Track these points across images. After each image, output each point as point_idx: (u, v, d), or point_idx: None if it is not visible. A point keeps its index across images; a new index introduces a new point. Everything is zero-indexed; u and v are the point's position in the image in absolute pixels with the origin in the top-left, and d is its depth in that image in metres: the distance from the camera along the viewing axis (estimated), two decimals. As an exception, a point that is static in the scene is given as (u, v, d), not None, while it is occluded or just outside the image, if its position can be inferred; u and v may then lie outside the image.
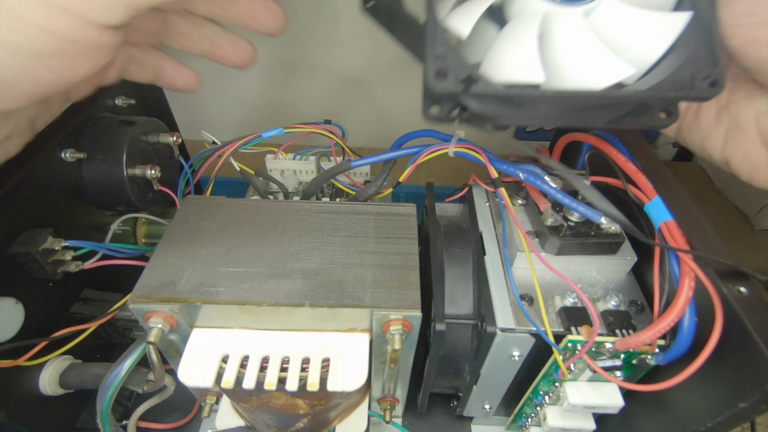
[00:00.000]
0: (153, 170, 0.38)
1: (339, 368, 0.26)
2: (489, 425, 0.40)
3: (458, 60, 0.21)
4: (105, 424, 0.30)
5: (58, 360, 0.35)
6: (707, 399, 0.24)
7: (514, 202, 0.34)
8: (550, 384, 0.32)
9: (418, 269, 0.29)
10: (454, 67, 0.21)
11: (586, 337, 0.27)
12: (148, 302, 0.26)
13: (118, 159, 0.36)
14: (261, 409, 0.30)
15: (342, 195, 0.43)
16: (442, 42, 0.22)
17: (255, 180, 0.42)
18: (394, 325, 0.26)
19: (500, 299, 0.30)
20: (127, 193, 0.37)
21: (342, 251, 0.30)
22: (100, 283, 0.39)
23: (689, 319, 0.24)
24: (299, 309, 0.26)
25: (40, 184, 0.33)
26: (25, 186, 0.31)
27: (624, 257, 0.31)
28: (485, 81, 0.21)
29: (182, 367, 0.26)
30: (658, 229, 0.26)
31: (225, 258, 0.29)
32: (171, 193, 0.42)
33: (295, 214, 0.32)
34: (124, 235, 0.42)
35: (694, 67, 0.21)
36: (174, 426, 0.40)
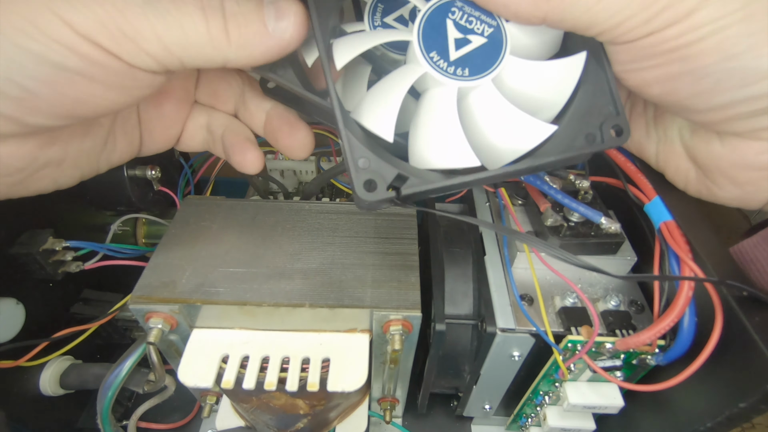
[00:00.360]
0: (153, 170, 0.38)
1: (339, 368, 0.27)
2: (489, 425, 0.40)
3: (382, 165, 0.22)
4: (105, 425, 0.30)
5: (58, 360, 0.35)
6: (707, 399, 0.24)
7: (514, 202, 0.34)
8: (550, 384, 0.32)
9: (418, 269, 0.29)
10: (379, 176, 0.21)
11: (586, 338, 0.27)
12: (148, 302, 0.26)
13: (119, 159, 0.36)
14: (261, 409, 0.30)
15: (342, 195, 0.43)
16: (360, 151, 0.22)
17: (255, 180, 0.42)
18: (394, 325, 0.26)
19: (500, 299, 0.30)
20: (127, 194, 0.37)
21: (342, 251, 0.30)
22: (100, 284, 0.39)
23: (689, 319, 0.24)
24: (299, 309, 0.26)
25: (41, 184, 0.33)
26: (26, 186, 0.31)
27: (624, 257, 0.31)
28: (414, 178, 0.22)
29: (182, 367, 0.26)
30: (658, 229, 0.26)
31: (225, 258, 0.29)
32: (171, 194, 0.42)
33: (295, 214, 0.32)
34: (124, 235, 0.42)
35: (600, 118, 0.23)
36: (174, 426, 0.40)
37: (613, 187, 0.30)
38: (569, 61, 0.23)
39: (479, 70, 0.23)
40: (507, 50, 0.23)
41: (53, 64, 0.19)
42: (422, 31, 0.23)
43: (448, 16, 0.23)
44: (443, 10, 0.23)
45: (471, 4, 0.23)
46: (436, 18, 0.23)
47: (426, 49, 0.22)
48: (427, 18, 0.23)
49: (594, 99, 0.23)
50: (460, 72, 0.23)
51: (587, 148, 0.23)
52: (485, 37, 0.23)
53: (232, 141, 0.27)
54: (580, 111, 0.23)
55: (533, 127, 0.22)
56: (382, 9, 0.26)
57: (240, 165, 0.28)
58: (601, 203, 0.31)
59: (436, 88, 0.23)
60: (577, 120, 0.23)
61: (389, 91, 0.23)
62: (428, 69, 0.22)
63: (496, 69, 0.23)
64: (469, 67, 0.23)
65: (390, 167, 0.22)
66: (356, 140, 0.22)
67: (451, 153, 0.22)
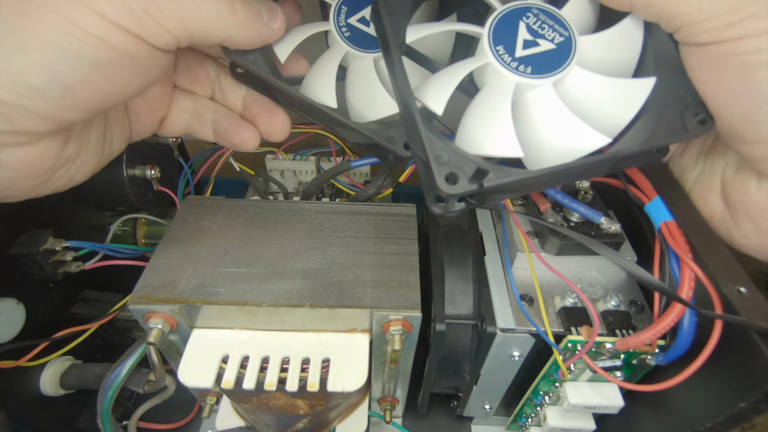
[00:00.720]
0: (153, 170, 0.38)
1: (339, 369, 0.27)
2: (489, 425, 0.40)
3: (460, 158, 0.22)
4: (105, 425, 0.30)
5: (58, 360, 0.35)
6: (707, 399, 0.24)
7: (514, 202, 0.34)
8: (550, 384, 0.32)
9: (418, 270, 0.29)
10: (460, 168, 0.22)
11: (586, 338, 0.27)
12: (148, 303, 0.26)
13: (118, 159, 0.36)
14: (261, 409, 0.30)
15: (342, 195, 0.43)
16: (439, 146, 0.22)
17: (255, 180, 0.42)
18: (394, 325, 0.26)
19: (500, 299, 0.30)
20: (126, 194, 0.37)
21: (342, 252, 0.30)
22: (100, 284, 0.39)
23: (689, 319, 0.24)
24: (299, 309, 0.26)
25: (41, 184, 0.33)
26: (26, 187, 0.31)
27: (624, 257, 0.31)
28: (495, 171, 0.22)
29: (182, 367, 0.26)
30: (658, 230, 0.26)
31: (225, 258, 0.29)
32: (171, 194, 0.42)
33: (295, 214, 0.32)
34: (124, 235, 0.42)
35: (681, 108, 0.23)
36: (174, 426, 0.40)
37: (613, 187, 0.30)
38: (637, 83, 0.23)
39: (542, 71, 0.23)
40: (574, 59, 0.23)
41: (90, 60, 0.20)
42: (494, 27, 0.24)
43: (522, 18, 0.24)
44: (519, 13, 0.24)
45: (548, 13, 0.24)
46: (510, 18, 0.24)
47: (494, 42, 0.23)
48: (502, 17, 0.24)
49: (672, 88, 0.23)
50: (522, 69, 0.23)
51: (670, 137, 0.23)
52: (554, 44, 0.23)
53: (228, 123, 0.29)
54: (658, 101, 0.23)
55: (586, 135, 0.22)
56: (346, 11, 0.28)
57: (242, 144, 0.29)
58: (601, 203, 0.31)
59: (496, 79, 0.24)
60: (655, 110, 0.23)
61: (449, 72, 0.23)
62: (492, 59, 0.23)
63: (558, 74, 0.23)
64: (532, 66, 0.23)
65: (469, 161, 0.22)
66: (434, 136, 0.22)
67: (495, 140, 0.22)
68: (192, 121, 0.29)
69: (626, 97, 0.23)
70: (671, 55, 0.23)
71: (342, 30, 0.28)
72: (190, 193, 0.44)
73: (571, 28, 0.24)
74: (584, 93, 0.24)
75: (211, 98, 0.30)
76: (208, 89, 0.30)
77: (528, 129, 0.23)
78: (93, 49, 0.20)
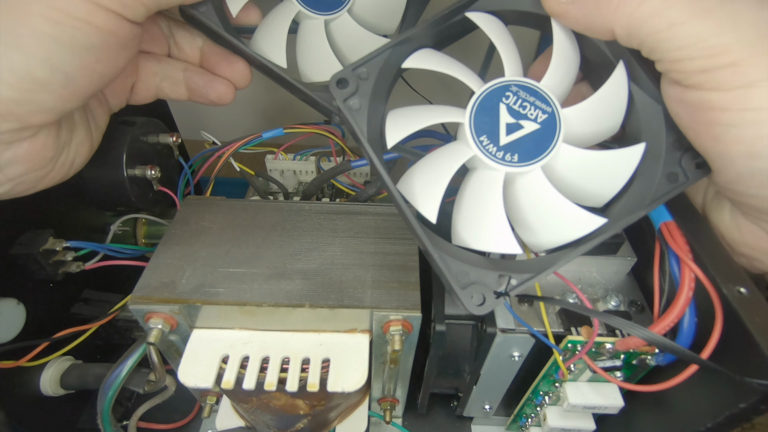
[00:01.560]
0: (153, 170, 0.38)
1: (339, 369, 0.27)
2: (489, 425, 0.40)
3: (481, 273, 0.21)
4: (106, 425, 0.30)
5: (59, 361, 0.35)
6: (707, 399, 0.24)
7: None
8: (550, 384, 0.32)
9: (418, 270, 0.29)
10: (484, 286, 0.21)
11: (586, 338, 0.27)
12: (149, 303, 0.26)
13: (118, 159, 0.36)
14: (261, 409, 0.30)
15: (342, 195, 0.43)
16: (457, 266, 0.21)
17: (255, 180, 0.42)
18: (394, 325, 0.26)
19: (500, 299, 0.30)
20: (127, 194, 0.37)
21: (342, 252, 0.30)
22: (100, 284, 0.39)
23: (689, 320, 0.24)
24: (299, 309, 0.26)
25: (41, 184, 0.33)
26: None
27: (624, 257, 0.31)
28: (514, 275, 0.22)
29: (182, 367, 0.26)
30: (658, 230, 0.26)
31: (225, 258, 0.29)
32: (171, 194, 0.42)
33: (295, 214, 0.32)
34: (124, 235, 0.42)
35: (678, 154, 0.22)
36: (174, 426, 0.40)
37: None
38: (627, 152, 0.22)
39: (529, 157, 0.22)
40: (560, 137, 0.22)
41: (84, 45, 0.21)
42: (474, 114, 0.23)
43: (501, 100, 0.23)
44: (497, 94, 0.23)
45: (527, 89, 0.23)
46: (489, 101, 0.23)
47: (476, 133, 0.22)
48: (481, 101, 0.23)
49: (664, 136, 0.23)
50: (509, 158, 0.22)
51: (674, 189, 0.22)
52: (538, 123, 0.23)
53: (202, 80, 0.30)
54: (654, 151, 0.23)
55: (580, 219, 0.22)
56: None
57: (219, 99, 0.30)
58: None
59: (484, 170, 0.23)
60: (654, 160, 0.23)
61: (435, 174, 0.23)
62: (477, 152, 0.22)
63: (546, 156, 0.22)
64: (518, 153, 0.22)
65: (489, 272, 0.22)
66: (450, 257, 0.22)
67: (491, 238, 0.22)
68: (162, 84, 0.30)
69: (617, 168, 0.23)
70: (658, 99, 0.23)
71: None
72: (190, 193, 0.44)
73: (553, 102, 0.23)
74: (574, 170, 0.23)
75: (169, 55, 0.30)
76: (165, 46, 0.30)
77: (520, 216, 0.23)
78: (84, 33, 0.21)
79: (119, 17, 0.21)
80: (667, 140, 0.23)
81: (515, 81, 0.23)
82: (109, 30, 0.21)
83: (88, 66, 0.22)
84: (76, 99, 0.22)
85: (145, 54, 0.29)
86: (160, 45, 0.30)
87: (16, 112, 0.20)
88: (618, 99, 0.23)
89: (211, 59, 0.30)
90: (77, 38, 0.20)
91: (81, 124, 0.26)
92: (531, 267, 0.22)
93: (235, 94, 0.30)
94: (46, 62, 0.20)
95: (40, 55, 0.20)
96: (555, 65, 0.23)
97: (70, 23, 0.20)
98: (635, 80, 0.23)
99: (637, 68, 0.23)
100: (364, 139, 0.22)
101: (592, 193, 0.23)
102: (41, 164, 0.24)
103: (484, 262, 0.22)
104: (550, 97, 0.23)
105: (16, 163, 0.22)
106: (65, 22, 0.20)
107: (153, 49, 0.29)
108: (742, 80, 0.18)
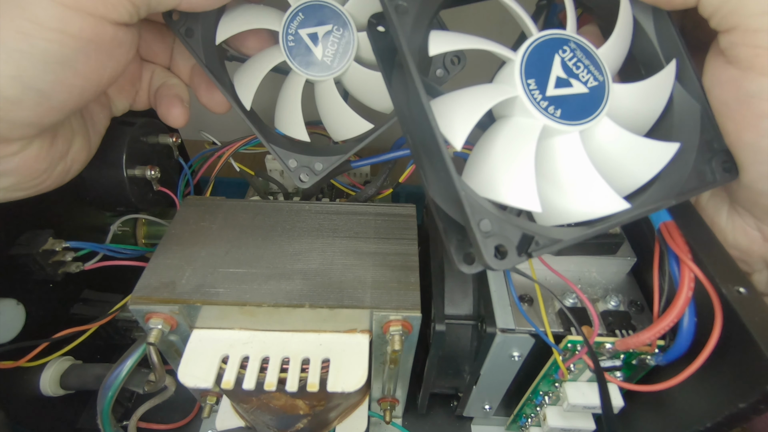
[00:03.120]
0: (152, 171, 0.38)
1: (339, 369, 0.27)
2: (489, 425, 0.40)
3: (505, 226, 0.19)
4: (105, 425, 0.30)
5: (58, 361, 0.35)
6: (707, 399, 0.24)
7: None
8: (550, 384, 0.32)
9: (417, 270, 0.29)
10: (506, 238, 0.19)
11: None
12: (148, 303, 0.26)
13: (118, 160, 0.36)
14: (261, 409, 0.30)
15: (342, 195, 0.43)
16: (481, 211, 0.19)
17: (255, 180, 0.42)
18: (393, 325, 0.26)
19: (500, 300, 0.30)
20: (126, 194, 0.37)
21: (342, 252, 0.30)
22: (100, 284, 0.39)
23: (689, 320, 0.24)
24: (299, 310, 0.26)
25: (41, 185, 0.33)
26: (26, 187, 0.31)
27: (624, 257, 0.31)
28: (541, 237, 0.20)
29: (182, 367, 0.26)
30: (658, 230, 0.26)
31: (225, 259, 0.29)
32: (171, 194, 0.42)
33: (295, 214, 0.32)
34: (124, 235, 0.42)
35: (709, 155, 0.22)
36: (174, 426, 0.40)
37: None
38: (662, 146, 0.22)
39: (571, 117, 0.21)
40: (605, 110, 0.22)
41: (57, 59, 0.19)
42: (528, 55, 0.21)
43: (558, 51, 0.21)
44: (556, 44, 0.21)
45: (585, 50, 0.22)
46: (545, 48, 0.21)
47: (526, 74, 0.21)
48: (537, 45, 0.21)
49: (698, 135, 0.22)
50: (552, 110, 0.21)
51: (700, 187, 0.22)
52: (587, 88, 0.21)
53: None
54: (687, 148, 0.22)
55: (606, 197, 0.21)
56: (300, 20, 0.27)
57: (164, 117, 0.29)
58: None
59: (522, 117, 0.22)
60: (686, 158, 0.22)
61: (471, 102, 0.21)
62: (521, 94, 0.21)
63: (588, 123, 0.21)
64: (562, 109, 0.21)
65: (513, 228, 0.19)
66: (476, 198, 0.19)
67: (514, 190, 0.20)
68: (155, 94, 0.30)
69: (649, 158, 0.22)
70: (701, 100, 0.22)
71: (288, 38, 0.27)
72: (190, 193, 0.44)
73: (607, 72, 0.22)
74: (609, 147, 0.22)
75: (168, 67, 0.30)
76: (167, 59, 0.30)
77: (545, 178, 0.21)
78: (57, 45, 0.19)
79: (101, 20, 0.20)
80: (701, 140, 0.22)
81: (576, 38, 0.22)
82: (87, 38, 0.20)
83: (64, 81, 0.20)
84: (56, 114, 0.21)
85: (149, 63, 0.30)
86: (162, 57, 0.30)
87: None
88: (664, 89, 0.23)
89: (197, 80, 0.29)
90: (50, 52, 0.19)
91: (79, 131, 0.26)
92: (559, 233, 0.20)
93: (185, 122, 0.30)
94: (15, 80, 0.19)
95: (10, 73, 0.19)
96: (617, 37, 0.22)
97: (42, 35, 0.19)
98: (680, 78, 0.23)
99: (687, 65, 0.23)
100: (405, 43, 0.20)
101: (621, 175, 0.22)
102: (34, 175, 0.23)
103: (511, 218, 0.20)
104: (604, 66, 0.22)
105: (7, 176, 0.22)
106: (36, 35, 0.19)
107: (156, 60, 0.30)
108: None
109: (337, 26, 0.27)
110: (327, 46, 0.27)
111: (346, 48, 0.28)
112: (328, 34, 0.27)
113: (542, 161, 0.22)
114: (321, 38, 0.27)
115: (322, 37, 0.27)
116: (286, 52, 0.27)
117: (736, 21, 0.19)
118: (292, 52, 0.27)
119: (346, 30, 0.27)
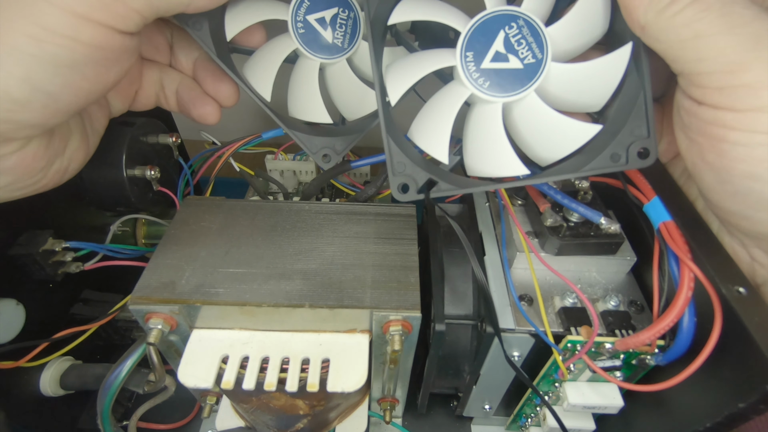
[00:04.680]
0: (152, 171, 0.38)
1: (339, 369, 0.27)
2: (489, 425, 0.40)
3: (416, 170, 0.25)
4: (105, 425, 0.30)
5: (58, 361, 0.35)
6: (707, 399, 0.24)
7: (514, 203, 0.34)
8: (550, 384, 0.32)
9: (417, 270, 0.29)
10: (412, 179, 0.25)
11: (585, 338, 0.27)
12: (148, 303, 0.26)
13: (118, 160, 0.36)
14: (261, 409, 0.30)
15: (342, 195, 0.43)
16: (398, 156, 0.24)
17: (255, 181, 0.42)
18: (393, 325, 0.26)
19: (500, 299, 0.30)
20: (126, 194, 0.37)
21: (342, 252, 0.30)
22: (100, 284, 0.39)
23: (689, 320, 0.24)
24: (299, 310, 0.26)
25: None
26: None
27: (624, 257, 0.31)
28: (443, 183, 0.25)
29: (182, 367, 0.26)
30: (657, 230, 0.26)
31: (225, 259, 0.29)
32: (170, 194, 0.42)
33: (295, 214, 0.32)
34: (124, 235, 0.42)
35: (630, 139, 0.24)
36: (174, 426, 0.40)
37: (612, 187, 0.30)
38: (583, 126, 0.23)
39: (498, 90, 0.24)
40: (534, 86, 0.23)
41: (67, 63, 0.20)
42: (474, 29, 0.23)
43: (504, 27, 0.23)
44: (503, 20, 0.23)
45: (532, 27, 0.23)
46: (493, 23, 0.23)
47: (467, 47, 0.23)
48: (486, 20, 0.23)
49: (628, 119, 0.23)
50: (481, 82, 0.23)
51: (610, 166, 0.24)
52: (523, 64, 0.23)
53: (190, 96, 0.29)
54: (612, 129, 0.24)
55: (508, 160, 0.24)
56: (307, 6, 0.28)
57: (201, 117, 0.30)
58: (600, 203, 0.31)
59: (457, 83, 0.24)
60: (607, 138, 0.24)
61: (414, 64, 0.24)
62: (458, 64, 0.23)
63: (513, 96, 0.23)
64: (491, 81, 0.23)
65: (422, 172, 0.24)
66: (395, 145, 0.24)
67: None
68: (159, 93, 0.30)
69: (570, 135, 0.24)
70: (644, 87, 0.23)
71: (297, 25, 0.28)
72: (190, 193, 0.44)
73: (548, 51, 0.23)
74: (532, 120, 0.24)
75: (169, 64, 0.30)
76: (167, 56, 0.30)
77: (468, 136, 0.25)
78: (67, 51, 0.20)
79: (110, 30, 0.20)
80: (627, 125, 0.24)
81: (526, 15, 0.23)
82: (96, 45, 0.20)
83: (72, 84, 0.21)
84: (61, 115, 0.22)
85: (149, 62, 0.29)
86: (162, 54, 0.30)
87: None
88: (612, 73, 0.23)
89: (201, 73, 0.29)
90: (60, 56, 0.20)
91: (77, 131, 0.26)
92: (460, 183, 0.25)
93: (219, 116, 0.30)
94: (25, 82, 0.19)
95: (20, 75, 0.19)
96: (570, 17, 0.23)
97: (53, 41, 0.19)
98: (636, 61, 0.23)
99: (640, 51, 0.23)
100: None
101: (542, 147, 0.25)
102: (31, 174, 0.23)
103: (423, 163, 0.25)
104: (547, 45, 0.23)
105: (4, 174, 0.22)
106: (47, 40, 0.19)
107: (156, 58, 0.30)
108: (756, 102, 0.18)
109: (342, 8, 0.28)
110: (336, 29, 0.28)
111: (354, 28, 0.29)
112: (335, 17, 0.28)
113: (469, 123, 0.25)
114: (329, 22, 0.28)
115: (330, 21, 0.28)
116: (297, 40, 0.28)
117: (681, 67, 0.20)
118: (303, 39, 0.28)
119: (351, 11, 0.28)
